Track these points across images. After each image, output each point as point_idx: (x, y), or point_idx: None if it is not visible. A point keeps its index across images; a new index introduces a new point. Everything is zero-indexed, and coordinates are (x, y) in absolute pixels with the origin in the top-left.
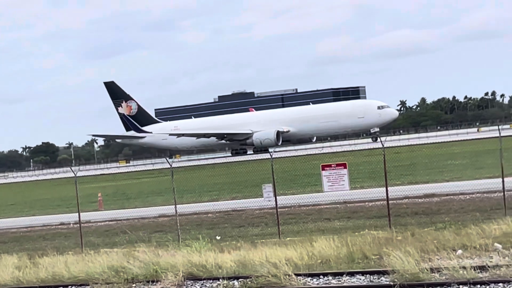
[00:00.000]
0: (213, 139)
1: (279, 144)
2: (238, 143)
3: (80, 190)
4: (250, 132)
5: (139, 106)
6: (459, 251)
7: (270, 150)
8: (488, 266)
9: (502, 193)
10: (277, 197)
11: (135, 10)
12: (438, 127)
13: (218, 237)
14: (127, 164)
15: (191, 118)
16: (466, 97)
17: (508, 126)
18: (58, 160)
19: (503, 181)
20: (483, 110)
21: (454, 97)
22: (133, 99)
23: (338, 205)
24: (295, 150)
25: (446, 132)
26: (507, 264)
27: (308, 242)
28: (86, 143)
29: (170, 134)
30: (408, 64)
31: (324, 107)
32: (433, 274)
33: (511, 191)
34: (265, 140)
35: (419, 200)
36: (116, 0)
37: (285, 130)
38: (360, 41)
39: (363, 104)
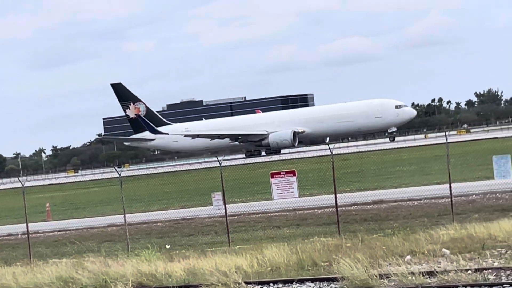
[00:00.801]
0: (226, 140)
1: (296, 145)
2: (253, 144)
3: (28, 200)
4: (266, 132)
5: (147, 108)
6: (408, 257)
7: (284, 151)
8: (436, 272)
9: (449, 199)
10: (227, 205)
11: (83, 19)
12: (386, 134)
13: (167, 246)
14: (76, 174)
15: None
16: (413, 104)
17: (455, 132)
18: (5, 170)
19: (450, 187)
20: (430, 116)
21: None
22: (141, 101)
23: (287, 213)
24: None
25: (402, 138)
26: (455, 269)
27: (258, 250)
28: (33, 153)
29: (186, 135)
30: (355, 72)
31: (340, 107)
32: (382, 280)
33: (458, 197)
34: (282, 141)
35: (368, 206)
36: (64, 9)
37: (300, 131)
38: (308, 48)
39: (381, 103)
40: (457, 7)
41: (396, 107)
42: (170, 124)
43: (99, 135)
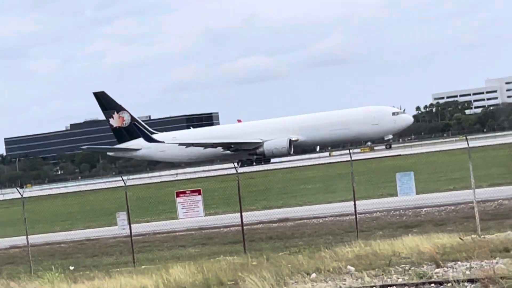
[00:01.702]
0: (218, 149)
1: (292, 153)
2: (245, 153)
3: None
4: (260, 141)
5: (132, 117)
6: (313, 275)
7: (276, 160)
8: None
9: (354, 216)
10: (132, 225)
11: None
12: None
13: (71, 267)
14: None
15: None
16: None
17: (359, 150)
18: None
19: (355, 204)
20: None
21: None
22: (125, 110)
23: (193, 232)
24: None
25: (299, 157)
26: (360, 286)
27: (163, 270)
28: None
29: (180, 144)
30: (260, 90)
31: (336, 114)
32: None
33: (363, 214)
34: (278, 149)
35: (274, 225)
36: None
37: (294, 139)
38: (212, 67)
39: (377, 110)
40: (358, 26)
41: (393, 114)
42: (156, 133)
43: (0, 155)
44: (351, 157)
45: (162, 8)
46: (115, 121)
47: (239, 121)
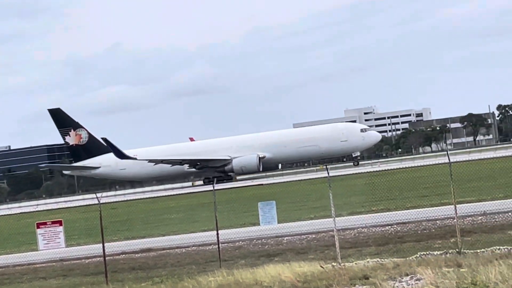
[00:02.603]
0: (182, 167)
1: (261, 170)
2: (212, 170)
3: None
4: (229, 158)
5: (90, 134)
6: None
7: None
8: None
9: (216, 246)
10: None
11: None
12: (154, 182)
13: None
14: None
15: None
16: None
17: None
18: None
19: (217, 233)
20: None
21: None
22: (82, 127)
23: (54, 263)
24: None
25: (162, 187)
26: None
27: None
28: None
29: (150, 161)
30: (122, 120)
31: (303, 131)
32: None
33: (225, 243)
34: (247, 167)
35: (136, 255)
36: None
37: (261, 156)
38: (74, 96)
39: (346, 127)
40: (221, 57)
41: (361, 130)
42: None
43: None
44: (213, 187)
45: (23, 37)
46: (71, 139)
47: (191, 139)
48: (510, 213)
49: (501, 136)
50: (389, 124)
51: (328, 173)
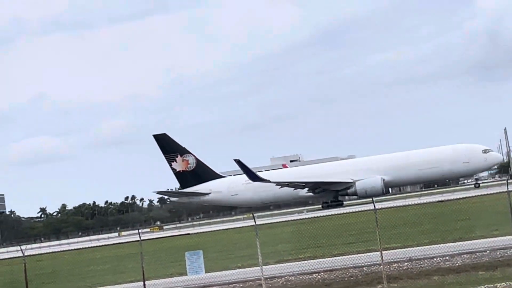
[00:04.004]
0: (296, 191)
1: (385, 192)
2: (332, 194)
3: None
4: (351, 180)
5: (197, 160)
6: None
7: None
8: None
9: None
10: None
11: None
12: (80, 233)
13: None
14: None
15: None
16: (106, 202)
17: (148, 230)
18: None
19: (144, 284)
20: (123, 214)
21: (94, 203)
22: (190, 153)
23: None
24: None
25: (88, 238)
26: None
27: None
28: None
29: (277, 183)
30: (46, 171)
31: (424, 153)
32: None
33: None
34: (371, 189)
35: None
36: None
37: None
38: None
39: (467, 148)
40: (144, 108)
41: (483, 151)
42: (225, 176)
43: None
44: (140, 237)
45: None
46: (178, 165)
47: (284, 166)
48: (435, 259)
49: (417, 184)
50: None
51: (255, 221)
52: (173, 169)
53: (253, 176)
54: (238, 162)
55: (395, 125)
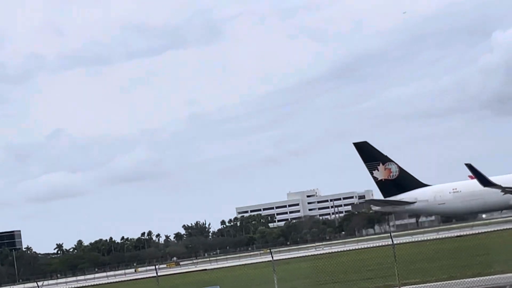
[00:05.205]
0: (506, 197)
1: None
2: None
3: None
4: None
5: (400, 168)
6: None
7: None
8: None
9: None
10: None
11: None
12: (96, 269)
13: None
14: None
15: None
16: (123, 238)
17: (164, 266)
18: None
19: None
20: (140, 250)
21: (111, 238)
22: (392, 161)
23: None
24: None
25: (104, 274)
26: None
27: None
28: None
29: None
30: (63, 207)
31: None
32: None
33: None
34: None
35: None
36: None
37: None
38: (13, 184)
39: None
40: (162, 142)
41: None
42: (428, 185)
43: None
44: (156, 272)
45: None
46: (380, 173)
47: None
48: None
49: (443, 217)
50: (332, 207)
51: (272, 257)
52: (375, 178)
53: (484, 181)
54: (469, 166)
55: (412, 159)
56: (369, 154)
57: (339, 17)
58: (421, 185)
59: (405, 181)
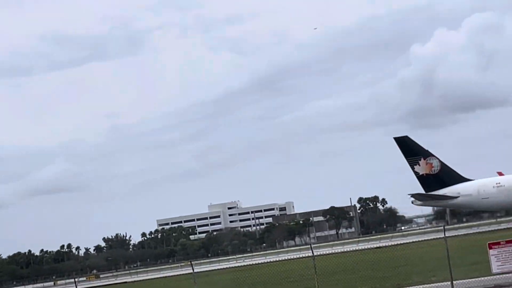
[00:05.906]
0: None
1: None
2: None
3: None
4: None
5: (441, 163)
6: None
7: None
8: None
9: None
10: None
11: None
12: (14, 283)
13: None
14: None
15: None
16: (42, 250)
17: (84, 278)
18: None
19: None
20: (59, 263)
21: (30, 251)
22: (433, 156)
23: None
24: None
25: (22, 287)
26: None
27: None
28: None
29: None
30: None
31: None
32: None
33: None
34: None
35: None
36: None
37: None
38: None
39: None
40: (82, 154)
41: None
42: (471, 180)
43: None
44: (75, 286)
45: None
46: (421, 168)
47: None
48: None
49: (363, 228)
50: (253, 219)
51: (193, 269)
52: (416, 173)
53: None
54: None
55: (332, 172)
56: (410, 149)
57: (260, 30)
58: (463, 179)
59: (447, 176)
